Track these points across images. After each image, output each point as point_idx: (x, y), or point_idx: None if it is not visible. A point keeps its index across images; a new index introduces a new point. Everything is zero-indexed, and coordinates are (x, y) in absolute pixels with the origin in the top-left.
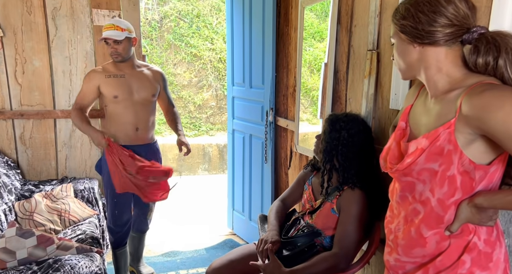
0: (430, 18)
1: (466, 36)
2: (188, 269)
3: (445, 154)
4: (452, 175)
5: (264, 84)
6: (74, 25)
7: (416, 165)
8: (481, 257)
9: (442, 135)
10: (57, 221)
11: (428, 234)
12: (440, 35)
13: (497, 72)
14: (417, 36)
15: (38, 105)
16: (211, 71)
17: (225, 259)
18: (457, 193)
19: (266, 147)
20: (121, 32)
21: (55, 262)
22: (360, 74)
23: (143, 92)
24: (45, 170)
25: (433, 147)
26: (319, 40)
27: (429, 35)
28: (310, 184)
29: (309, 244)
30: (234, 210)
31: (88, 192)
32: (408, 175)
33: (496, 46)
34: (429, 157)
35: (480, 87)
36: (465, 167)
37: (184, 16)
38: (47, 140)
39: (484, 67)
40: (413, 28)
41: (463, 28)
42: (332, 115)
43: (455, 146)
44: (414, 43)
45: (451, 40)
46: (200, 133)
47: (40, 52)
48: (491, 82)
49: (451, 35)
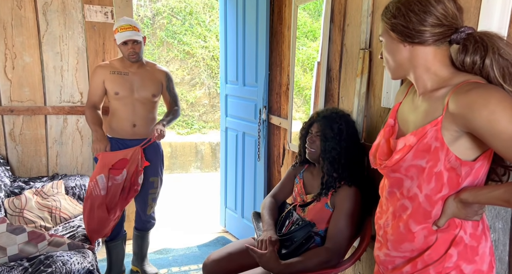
0: (421, 17)
1: (454, 36)
2: (180, 266)
3: (432, 151)
4: (439, 171)
5: (258, 82)
6: (66, 21)
7: (404, 161)
8: (467, 251)
9: (429, 133)
10: (47, 218)
11: (416, 229)
12: (429, 34)
13: (483, 71)
14: (407, 36)
15: (28, 101)
16: (204, 69)
17: (223, 251)
18: (444, 188)
19: (259, 144)
20: (139, 33)
21: (47, 258)
22: (353, 73)
23: (143, 91)
24: (36, 166)
25: (420, 144)
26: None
27: (419, 35)
28: (301, 177)
29: (306, 236)
30: (227, 207)
31: (79, 189)
32: (396, 171)
33: (484, 46)
34: (417, 154)
35: (466, 86)
36: (451, 163)
37: (176, 13)
38: (37, 136)
39: (471, 66)
40: (404, 27)
41: (451, 28)
42: (325, 118)
43: (441, 143)
44: (404, 43)
45: (440, 40)
46: (192, 132)
47: (31, 48)
48: (477, 81)
49: (440, 35)
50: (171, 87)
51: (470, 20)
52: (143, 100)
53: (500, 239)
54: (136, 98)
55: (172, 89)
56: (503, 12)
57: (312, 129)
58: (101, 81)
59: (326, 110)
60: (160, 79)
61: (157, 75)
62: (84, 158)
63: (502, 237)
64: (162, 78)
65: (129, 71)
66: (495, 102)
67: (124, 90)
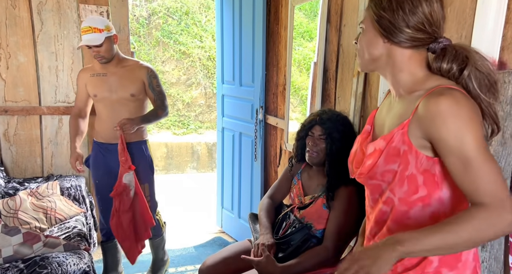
0: (408, 18)
1: (432, 45)
2: (177, 267)
3: (402, 155)
4: (411, 174)
5: (254, 82)
6: (61, 20)
7: (377, 167)
8: (449, 257)
9: (396, 136)
10: (42, 219)
11: (397, 230)
12: (409, 37)
13: (459, 79)
14: (390, 32)
15: (23, 102)
16: (200, 69)
17: (219, 256)
18: (421, 190)
19: (256, 145)
20: (100, 34)
21: (42, 260)
22: (349, 73)
23: (121, 91)
24: (30, 167)
25: (389, 148)
26: (308, 39)
27: (401, 35)
28: (299, 178)
29: (303, 239)
30: (223, 208)
31: (75, 190)
32: (373, 178)
33: (466, 57)
34: (388, 159)
35: (438, 91)
36: (424, 165)
37: (172, 13)
38: (32, 136)
39: (446, 72)
40: (390, 23)
41: (432, 36)
42: (329, 122)
43: (409, 146)
44: (384, 38)
45: (418, 46)
46: (188, 132)
47: (25, 47)
48: (449, 87)
49: (419, 41)
50: (154, 85)
51: (466, 20)
52: (122, 101)
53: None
54: (115, 100)
55: (156, 87)
56: (498, 13)
57: (314, 131)
58: (83, 85)
59: (326, 112)
60: (141, 77)
61: (137, 73)
62: None
63: None
64: (143, 76)
65: (107, 71)
66: (465, 119)
67: (102, 92)
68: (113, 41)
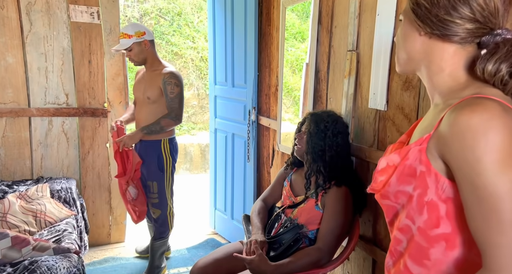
0: (451, 4)
1: (486, 38)
2: (169, 269)
3: (418, 176)
4: (430, 201)
5: (247, 83)
6: (50, 21)
7: (389, 186)
8: None
9: (412, 154)
10: (32, 222)
11: (416, 271)
12: (455, 29)
13: (507, 87)
14: (427, 23)
15: (11, 103)
16: (193, 70)
17: (210, 257)
18: (443, 224)
19: (249, 146)
20: (128, 40)
21: (31, 264)
22: (340, 74)
23: (144, 93)
24: (19, 169)
25: (404, 166)
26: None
27: (443, 26)
28: (289, 180)
29: (294, 238)
30: (216, 209)
31: (65, 192)
32: (386, 197)
33: None
34: (401, 178)
35: (468, 101)
36: (446, 192)
37: (164, 14)
38: (21, 138)
39: (491, 76)
40: (427, 11)
41: (485, 27)
42: (314, 115)
43: (427, 167)
44: (421, 30)
45: (467, 39)
46: (181, 133)
47: (14, 48)
48: (486, 97)
49: (468, 32)
50: (168, 91)
51: None
52: (144, 102)
53: None
54: (141, 100)
55: (169, 93)
56: None
57: (302, 128)
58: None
59: (316, 113)
60: (158, 82)
61: (156, 78)
62: (70, 161)
63: None
64: (159, 81)
65: (145, 74)
66: (488, 147)
67: (136, 91)
68: (144, 46)
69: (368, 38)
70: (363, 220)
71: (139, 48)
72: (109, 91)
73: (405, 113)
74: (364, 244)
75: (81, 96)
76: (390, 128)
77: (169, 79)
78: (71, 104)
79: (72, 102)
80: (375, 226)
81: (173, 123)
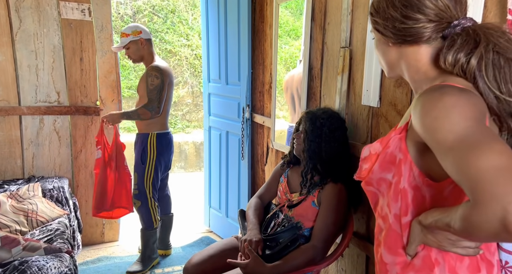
0: (402, 14)
1: (447, 31)
2: (163, 268)
3: (397, 163)
4: (403, 188)
5: (240, 81)
6: (40, 18)
7: (373, 173)
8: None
9: (392, 142)
10: (23, 222)
11: (388, 260)
12: (416, 32)
13: (469, 76)
14: (389, 35)
15: (1, 101)
16: (187, 67)
17: (205, 254)
18: (410, 211)
19: (243, 143)
20: (125, 38)
21: (21, 264)
22: (334, 71)
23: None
24: (10, 169)
25: (385, 154)
26: (295, 38)
27: (403, 34)
28: (286, 176)
29: (292, 238)
30: (211, 207)
31: (57, 191)
32: (370, 184)
33: (476, 42)
34: (383, 165)
35: (432, 86)
36: (416, 180)
37: (158, 11)
38: (11, 137)
39: (452, 66)
40: (385, 26)
41: (442, 22)
42: (309, 113)
43: (405, 155)
44: (389, 42)
45: (431, 37)
46: (176, 131)
47: (3, 46)
48: (447, 84)
49: (429, 32)
50: (148, 83)
51: None
52: (139, 97)
53: None
54: (139, 95)
55: (148, 86)
56: (475, 11)
57: (300, 127)
58: None
59: (312, 111)
60: (144, 76)
61: (145, 74)
62: (62, 159)
63: None
64: (145, 75)
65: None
66: (441, 108)
67: (138, 88)
68: (140, 44)
69: (361, 35)
70: (357, 216)
71: (136, 46)
72: (101, 89)
73: (398, 110)
74: (358, 241)
75: (72, 94)
76: (383, 125)
77: (150, 71)
78: (63, 103)
79: (63, 101)
80: (369, 222)
81: (149, 114)
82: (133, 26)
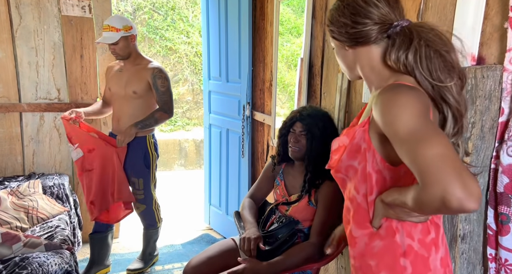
0: (351, 20)
1: (390, 31)
2: (163, 265)
3: (362, 152)
4: (369, 172)
5: (241, 78)
6: (40, 15)
7: (341, 161)
8: (418, 262)
9: (358, 134)
10: (24, 218)
11: (357, 234)
12: (365, 35)
13: (409, 69)
14: (343, 40)
15: (1, 98)
16: (187, 65)
17: (203, 256)
18: (374, 191)
19: (243, 141)
20: (116, 33)
21: (22, 260)
22: (334, 69)
23: (128, 88)
24: (11, 165)
25: (351, 145)
26: (296, 35)
27: (355, 37)
28: (282, 179)
29: (290, 233)
30: (211, 204)
31: (58, 188)
32: (339, 172)
33: (410, 39)
34: (350, 154)
35: (385, 88)
36: (378, 165)
37: (158, 8)
38: (12, 134)
39: (396, 64)
40: (339, 33)
41: (385, 24)
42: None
43: (368, 144)
44: (345, 46)
45: (378, 38)
46: (176, 129)
47: (3, 42)
48: (399, 83)
49: (376, 33)
50: (158, 85)
51: (446, 16)
52: (127, 97)
53: (475, 230)
54: (123, 95)
55: (160, 87)
56: (477, 9)
57: (295, 128)
58: (107, 78)
59: (307, 109)
60: (146, 76)
61: (144, 72)
62: (62, 156)
63: (476, 228)
64: (148, 76)
65: (124, 68)
66: (397, 106)
67: (114, 86)
68: (130, 40)
69: None
70: None
71: (125, 43)
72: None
73: None
74: None
75: (73, 91)
76: None
77: (159, 73)
78: (63, 100)
79: (64, 98)
80: None
81: (167, 116)
82: (122, 20)
